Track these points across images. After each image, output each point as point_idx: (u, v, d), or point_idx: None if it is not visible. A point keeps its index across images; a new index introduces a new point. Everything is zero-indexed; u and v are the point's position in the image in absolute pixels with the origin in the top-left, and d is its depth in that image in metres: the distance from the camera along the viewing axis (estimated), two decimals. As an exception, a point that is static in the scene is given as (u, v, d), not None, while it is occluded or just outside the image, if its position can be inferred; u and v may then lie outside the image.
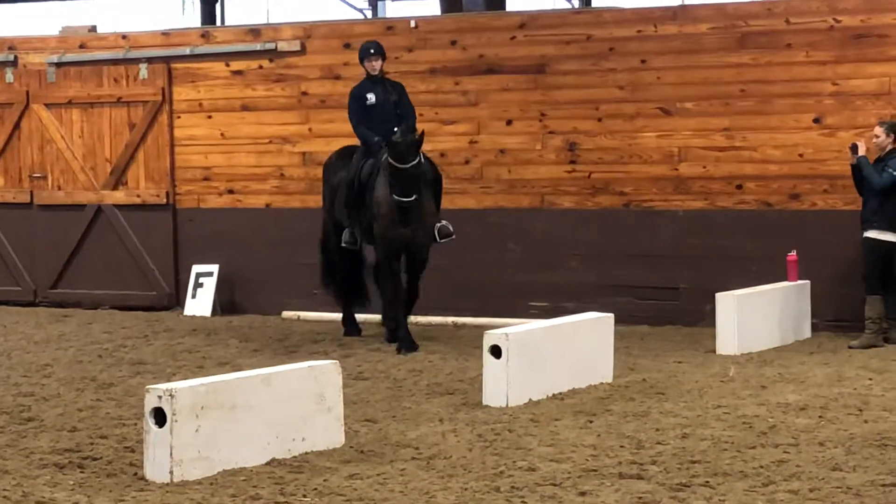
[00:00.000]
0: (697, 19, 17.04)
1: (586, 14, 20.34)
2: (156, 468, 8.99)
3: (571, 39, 17.61)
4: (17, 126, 20.51)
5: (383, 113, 13.54)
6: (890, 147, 14.93)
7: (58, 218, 20.32)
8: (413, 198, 13.82)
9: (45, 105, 20.37)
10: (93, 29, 20.97)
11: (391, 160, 13.98)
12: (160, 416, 8.94)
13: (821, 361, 14.03)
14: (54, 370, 14.38)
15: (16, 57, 20.61)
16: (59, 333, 17.21)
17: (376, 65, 14.00)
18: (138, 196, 19.84)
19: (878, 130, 15.08)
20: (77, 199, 20.10)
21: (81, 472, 9.38)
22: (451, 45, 18.15)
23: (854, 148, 15.07)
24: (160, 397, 8.97)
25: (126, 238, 19.78)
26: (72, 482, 9.08)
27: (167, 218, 19.69)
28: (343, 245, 15.38)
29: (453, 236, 14.80)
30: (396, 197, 14.03)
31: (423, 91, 18.04)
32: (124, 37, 20.32)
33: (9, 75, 20.55)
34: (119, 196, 19.98)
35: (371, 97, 13.69)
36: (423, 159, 14.21)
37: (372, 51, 14.04)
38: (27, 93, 20.45)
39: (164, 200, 19.67)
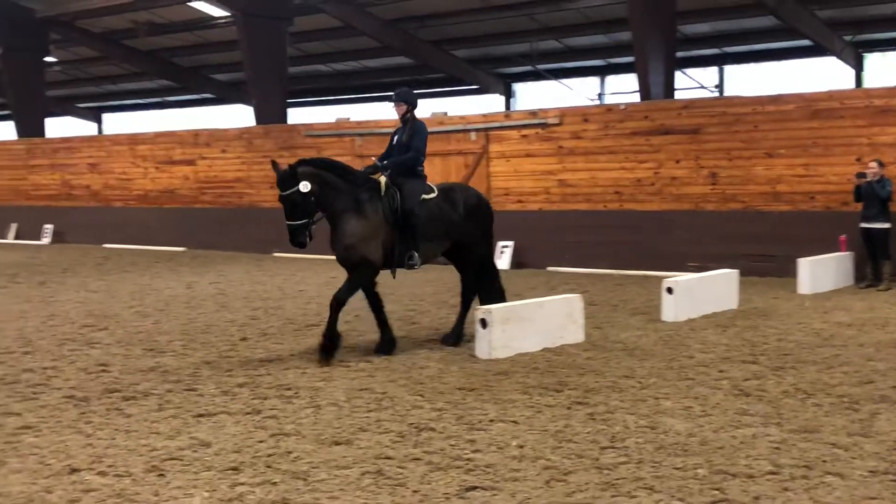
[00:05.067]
0: (787, 101, 17.37)
1: (723, 99, 20.83)
2: (481, 350, 9.64)
3: (714, 114, 18.06)
4: None
5: (399, 150, 10.35)
6: (880, 174, 15.10)
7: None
8: (297, 222, 9.44)
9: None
10: (445, 113, 21.75)
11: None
12: (484, 323, 9.58)
13: (859, 298, 14.08)
14: (427, 293, 14.66)
15: None
16: (424, 279, 16.89)
17: (398, 110, 10.58)
18: None
19: (874, 164, 15.26)
20: None
21: (440, 352, 9.97)
22: (644, 118, 18.71)
23: (863, 175, 15.24)
24: (484, 313, 9.63)
25: None
26: (437, 357, 9.75)
27: None
28: None
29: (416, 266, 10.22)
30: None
31: (626, 144, 18.77)
32: (462, 117, 21.27)
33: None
34: None
35: (395, 137, 10.60)
36: (308, 188, 9.43)
37: (394, 99, 10.67)
38: None
39: None
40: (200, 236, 25.03)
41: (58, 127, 41.68)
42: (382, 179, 10.18)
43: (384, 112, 32.35)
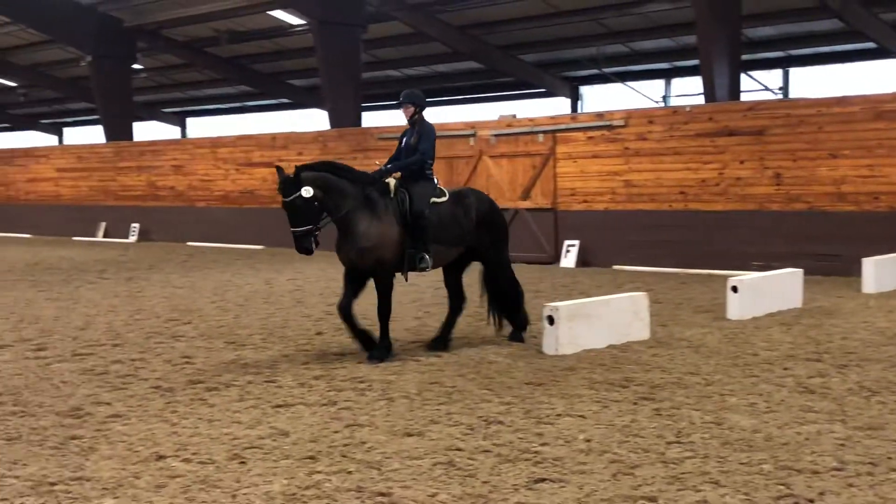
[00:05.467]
0: (852, 103, 17.03)
1: (787, 101, 20.43)
2: (548, 346, 9.59)
3: (777, 116, 17.77)
4: (474, 169, 21.49)
5: (407, 153, 9.78)
6: None
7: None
8: (301, 228, 9.02)
9: (490, 157, 21.31)
10: (513, 116, 21.75)
11: None
12: (551, 320, 9.55)
13: (923, 297, 13.80)
14: None
15: (475, 132, 21.55)
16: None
17: (406, 113, 9.93)
18: (536, 204, 20.44)
19: None
20: (504, 205, 20.61)
21: (508, 348, 9.98)
22: (709, 120, 18.45)
23: None
24: (551, 310, 9.58)
25: (529, 226, 20.47)
26: (506, 352, 9.77)
27: (551, 216, 20.27)
28: None
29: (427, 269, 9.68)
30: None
31: (692, 145, 18.53)
32: (531, 119, 21.17)
33: (471, 141, 21.47)
34: (526, 204, 20.63)
35: (403, 140, 9.96)
36: (311, 193, 8.96)
37: (401, 101, 10.02)
38: (480, 151, 21.39)
39: (550, 206, 20.28)
40: (278, 235, 24.98)
41: (144, 131, 42.49)
42: (392, 181, 9.69)
43: (453, 115, 32.46)
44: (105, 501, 5.38)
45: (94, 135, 40.49)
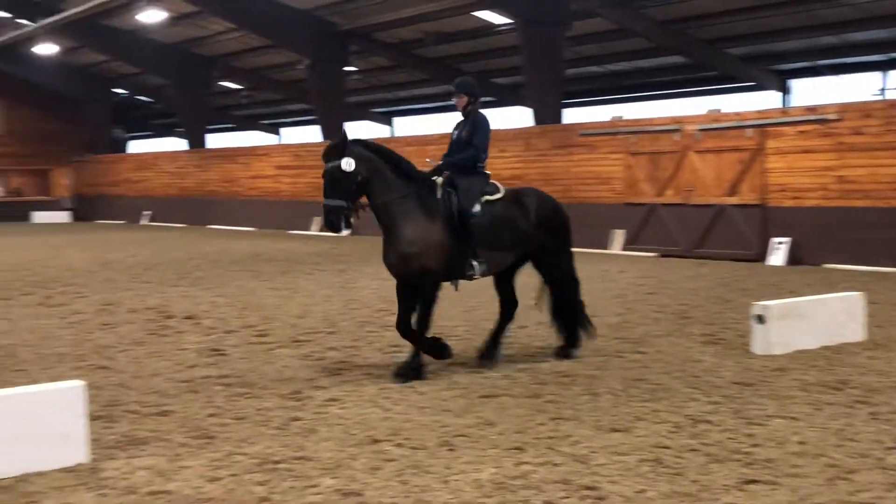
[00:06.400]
0: None
1: None
2: (757, 346, 9.26)
3: None
4: (678, 164, 21.08)
5: (458, 148, 8.78)
6: None
7: (695, 212, 20.66)
8: (333, 201, 8.26)
9: (696, 152, 20.83)
10: (719, 110, 21.14)
11: None
12: (761, 319, 9.20)
13: None
14: (700, 288, 14.22)
15: (680, 127, 21.19)
16: (697, 274, 16.98)
17: (458, 103, 8.91)
18: (744, 200, 19.84)
19: None
20: (708, 201, 20.40)
21: (714, 346, 9.75)
22: None
23: None
24: (762, 308, 9.22)
25: (736, 222, 19.93)
26: (712, 351, 9.54)
27: (759, 212, 19.63)
28: None
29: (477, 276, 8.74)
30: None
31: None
32: (737, 114, 20.63)
33: (676, 136, 21.08)
34: (733, 199, 20.07)
35: (455, 133, 8.95)
36: (353, 167, 8.21)
37: (454, 90, 8.97)
38: (685, 146, 20.93)
39: (758, 202, 19.65)
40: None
41: (355, 130, 43.89)
42: (439, 179, 8.61)
43: (657, 110, 31.84)
44: (324, 481, 5.61)
45: (309, 134, 42.16)
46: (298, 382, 8.20)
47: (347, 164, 8.14)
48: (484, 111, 8.93)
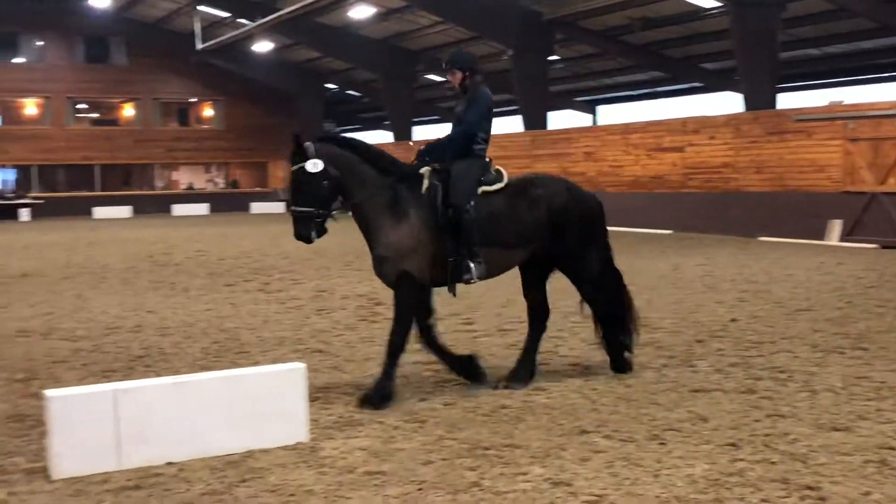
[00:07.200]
0: None
1: None
2: None
3: None
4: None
5: (456, 126, 7.73)
6: None
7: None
8: (300, 208, 7.28)
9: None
10: None
11: None
12: None
13: None
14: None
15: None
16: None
17: (453, 80, 7.76)
18: None
19: None
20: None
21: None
22: None
23: None
24: None
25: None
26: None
27: None
28: None
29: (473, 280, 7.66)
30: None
31: None
32: None
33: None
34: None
35: (456, 110, 7.86)
36: (319, 167, 7.15)
37: (444, 66, 7.84)
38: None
39: None
40: (686, 220, 25.04)
41: (558, 119, 43.78)
42: (425, 170, 7.53)
43: (879, 94, 30.12)
44: (534, 469, 5.65)
45: (513, 124, 42.41)
46: (503, 371, 8.21)
47: (313, 165, 7.15)
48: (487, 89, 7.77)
